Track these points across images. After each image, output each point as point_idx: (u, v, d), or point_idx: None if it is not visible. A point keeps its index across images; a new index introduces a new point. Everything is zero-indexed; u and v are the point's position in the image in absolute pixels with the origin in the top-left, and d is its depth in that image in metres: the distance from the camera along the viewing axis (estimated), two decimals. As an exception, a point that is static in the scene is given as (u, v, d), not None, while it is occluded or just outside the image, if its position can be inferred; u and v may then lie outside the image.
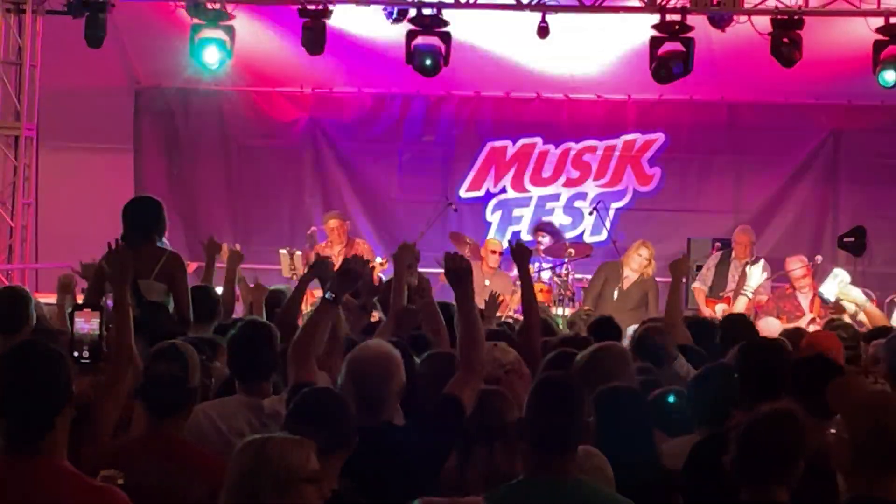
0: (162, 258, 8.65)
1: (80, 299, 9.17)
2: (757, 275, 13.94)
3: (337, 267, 6.10)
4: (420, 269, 14.28)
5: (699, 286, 14.37)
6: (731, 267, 14.36)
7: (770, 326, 11.75)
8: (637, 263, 14.04)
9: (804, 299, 13.74)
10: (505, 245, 15.67)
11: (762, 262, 14.27)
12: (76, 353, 4.35)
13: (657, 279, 14.12)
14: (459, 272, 5.61)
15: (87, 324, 4.42)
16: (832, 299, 12.85)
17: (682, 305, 8.99)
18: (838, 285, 12.78)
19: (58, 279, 9.45)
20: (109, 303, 6.33)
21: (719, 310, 13.66)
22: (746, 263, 14.23)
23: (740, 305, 13.71)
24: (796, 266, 13.78)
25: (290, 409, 4.88)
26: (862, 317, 12.40)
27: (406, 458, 5.08)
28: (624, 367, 6.30)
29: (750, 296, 13.83)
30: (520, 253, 7.88)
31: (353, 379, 5.27)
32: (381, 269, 13.99)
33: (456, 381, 5.38)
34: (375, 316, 8.40)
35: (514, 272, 14.81)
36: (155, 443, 5.09)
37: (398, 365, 5.33)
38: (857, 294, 12.60)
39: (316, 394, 5.00)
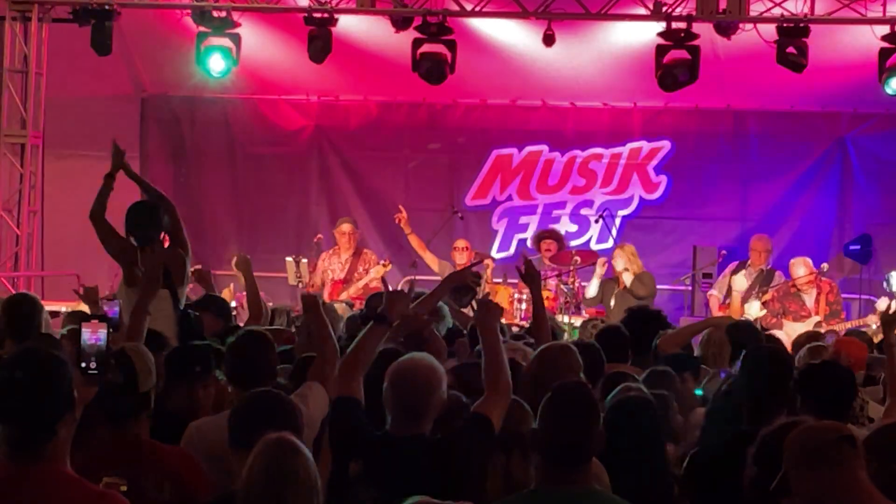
0: (184, 260, 8.87)
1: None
2: (740, 281, 14.08)
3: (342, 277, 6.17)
4: (424, 277, 14.39)
5: (715, 294, 14.43)
6: (744, 273, 14.41)
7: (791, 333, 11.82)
8: (622, 264, 14.23)
9: (808, 299, 13.81)
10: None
11: (777, 276, 14.36)
12: (83, 365, 4.34)
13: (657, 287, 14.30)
14: (489, 314, 5.79)
15: (93, 335, 4.41)
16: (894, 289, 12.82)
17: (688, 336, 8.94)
18: None
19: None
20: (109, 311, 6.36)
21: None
22: (762, 270, 14.30)
23: (753, 310, 13.79)
24: (802, 273, 13.85)
25: (236, 411, 4.91)
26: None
27: (434, 473, 5.08)
28: (565, 363, 6.22)
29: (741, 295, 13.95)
30: (530, 277, 7.90)
31: (394, 388, 5.29)
32: (385, 270, 14.02)
33: (485, 401, 5.43)
34: None
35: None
36: (114, 449, 5.09)
37: (441, 378, 5.37)
38: None
39: (263, 396, 5.05)
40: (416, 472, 5.05)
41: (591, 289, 14.63)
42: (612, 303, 14.19)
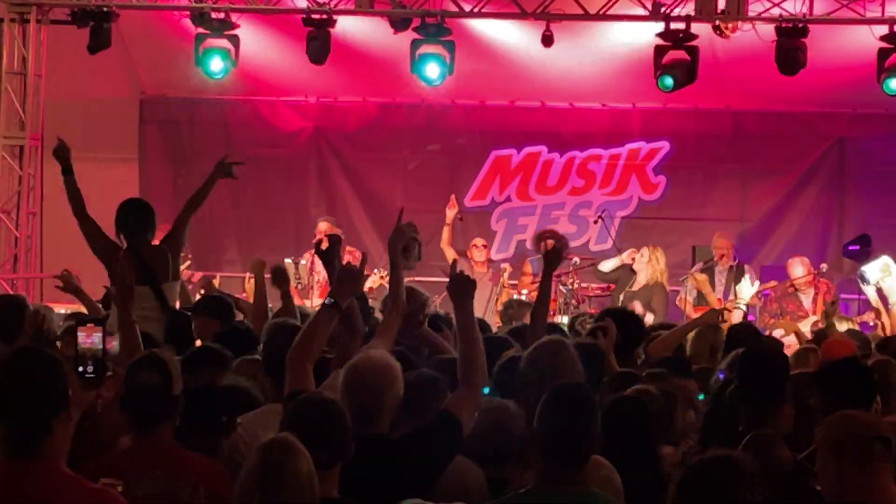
0: (167, 255, 8.90)
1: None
2: (747, 287, 13.96)
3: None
4: (424, 279, 14.39)
5: (683, 297, 14.39)
6: (715, 272, 14.41)
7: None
8: (637, 265, 14.17)
9: (806, 299, 13.82)
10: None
11: (747, 270, 14.35)
12: (80, 369, 4.35)
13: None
14: (462, 284, 5.57)
15: (89, 339, 4.42)
16: (871, 282, 12.78)
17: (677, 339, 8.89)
18: (881, 271, 12.68)
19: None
20: None
21: None
22: (731, 267, 14.30)
23: (736, 319, 13.72)
24: (800, 272, 13.86)
25: (287, 423, 4.83)
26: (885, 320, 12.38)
27: (398, 472, 5.07)
28: (556, 362, 6.12)
29: (744, 308, 13.85)
30: (550, 258, 7.45)
31: (349, 388, 5.26)
32: (383, 282, 13.97)
33: (455, 398, 5.37)
34: None
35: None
36: (144, 452, 5.04)
37: (395, 376, 5.30)
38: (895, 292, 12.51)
39: (313, 406, 4.96)
40: (379, 473, 5.02)
41: (609, 264, 14.55)
42: (621, 298, 14.12)
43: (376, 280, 14.15)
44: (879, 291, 12.86)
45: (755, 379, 5.85)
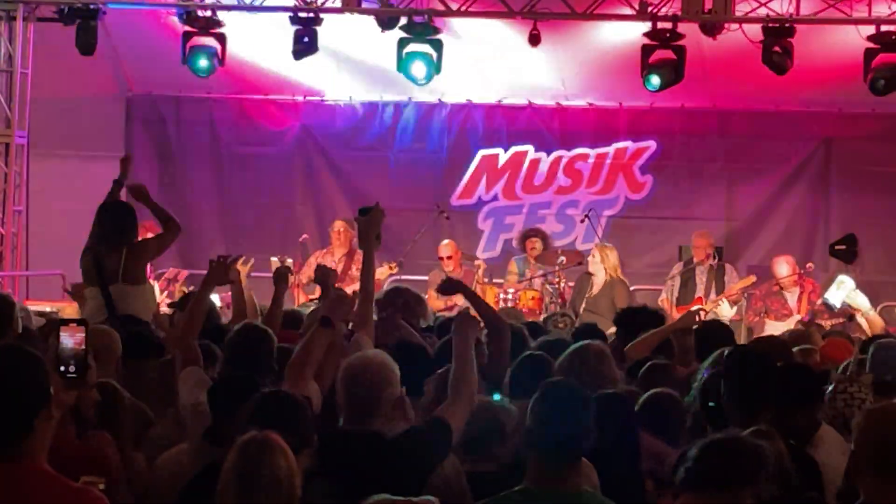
0: (121, 257, 8.94)
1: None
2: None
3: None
4: (410, 277, 14.40)
5: (665, 297, 14.42)
6: (696, 272, 14.44)
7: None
8: (593, 268, 14.18)
9: (791, 298, 13.84)
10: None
11: (728, 269, 14.41)
12: (62, 368, 4.33)
13: (643, 287, 14.27)
14: (467, 324, 5.81)
15: (71, 339, 4.40)
16: (838, 306, 12.82)
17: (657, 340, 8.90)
18: (846, 293, 12.73)
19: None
20: None
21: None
22: (711, 266, 14.34)
23: (724, 310, 13.76)
24: (785, 271, 13.89)
25: (250, 415, 4.86)
26: (862, 322, 12.41)
27: (391, 469, 5.08)
28: (602, 365, 6.23)
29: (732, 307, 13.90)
30: (449, 288, 7.93)
31: (345, 385, 5.33)
32: (391, 272, 14.02)
33: (446, 406, 5.49)
34: None
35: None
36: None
37: (392, 374, 5.39)
38: (863, 301, 12.54)
39: (274, 398, 5.04)
40: (369, 469, 5.06)
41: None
42: (583, 305, 14.11)
43: (385, 272, 14.17)
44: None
45: (743, 378, 5.84)
